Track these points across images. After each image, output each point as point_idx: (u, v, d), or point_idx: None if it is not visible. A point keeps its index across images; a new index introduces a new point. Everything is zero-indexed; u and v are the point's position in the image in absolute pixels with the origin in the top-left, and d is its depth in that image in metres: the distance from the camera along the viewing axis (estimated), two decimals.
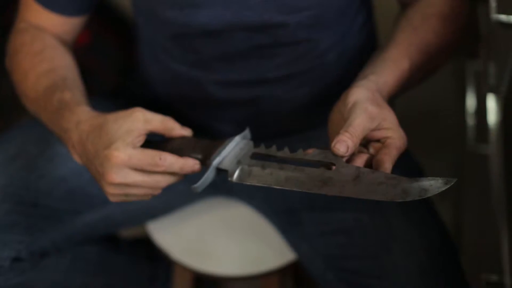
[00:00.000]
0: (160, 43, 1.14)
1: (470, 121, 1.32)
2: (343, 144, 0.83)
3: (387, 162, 0.84)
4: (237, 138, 0.92)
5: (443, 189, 0.83)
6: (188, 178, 1.20)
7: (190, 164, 0.91)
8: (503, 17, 0.97)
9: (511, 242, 0.92)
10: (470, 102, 1.35)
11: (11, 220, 1.07)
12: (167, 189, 1.19)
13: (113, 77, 1.66)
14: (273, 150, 0.90)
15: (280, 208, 1.17)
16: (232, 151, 0.92)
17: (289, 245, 1.18)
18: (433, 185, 0.83)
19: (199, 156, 0.92)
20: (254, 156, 0.91)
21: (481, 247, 1.25)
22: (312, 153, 0.87)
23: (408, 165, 1.15)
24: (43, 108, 1.01)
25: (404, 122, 0.91)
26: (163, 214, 1.25)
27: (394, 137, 0.86)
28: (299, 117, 1.17)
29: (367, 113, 0.85)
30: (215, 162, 0.90)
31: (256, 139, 0.95)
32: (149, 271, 1.31)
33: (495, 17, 0.97)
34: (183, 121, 1.18)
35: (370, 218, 1.06)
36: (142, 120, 0.90)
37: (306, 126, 1.18)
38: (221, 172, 0.92)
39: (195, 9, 1.02)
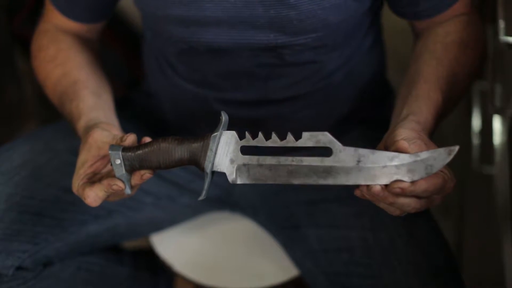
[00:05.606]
0: (167, 59, 1.14)
1: (475, 141, 1.32)
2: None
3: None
4: (222, 132, 0.88)
5: (448, 160, 0.82)
6: (192, 191, 1.21)
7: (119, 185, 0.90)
8: (511, 39, 0.98)
9: None
10: (476, 122, 1.35)
11: (16, 229, 1.06)
12: (172, 202, 1.20)
13: (119, 89, 1.66)
14: (261, 140, 0.86)
15: (284, 224, 1.17)
16: (219, 148, 0.87)
17: (292, 261, 1.18)
18: (437, 158, 0.82)
19: (186, 160, 0.88)
20: (244, 150, 0.87)
21: (483, 266, 1.25)
22: (303, 138, 0.85)
23: None
24: (64, 115, 1.06)
25: None
26: (167, 226, 1.25)
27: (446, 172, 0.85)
28: None
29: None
30: (208, 168, 0.87)
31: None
32: (151, 282, 1.30)
33: (503, 38, 0.98)
34: (188, 135, 1.19)
35: (374, 236, 1.06)
36: (94, 148, 0.93)
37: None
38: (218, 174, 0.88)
39: (201, 27, 1.01)
